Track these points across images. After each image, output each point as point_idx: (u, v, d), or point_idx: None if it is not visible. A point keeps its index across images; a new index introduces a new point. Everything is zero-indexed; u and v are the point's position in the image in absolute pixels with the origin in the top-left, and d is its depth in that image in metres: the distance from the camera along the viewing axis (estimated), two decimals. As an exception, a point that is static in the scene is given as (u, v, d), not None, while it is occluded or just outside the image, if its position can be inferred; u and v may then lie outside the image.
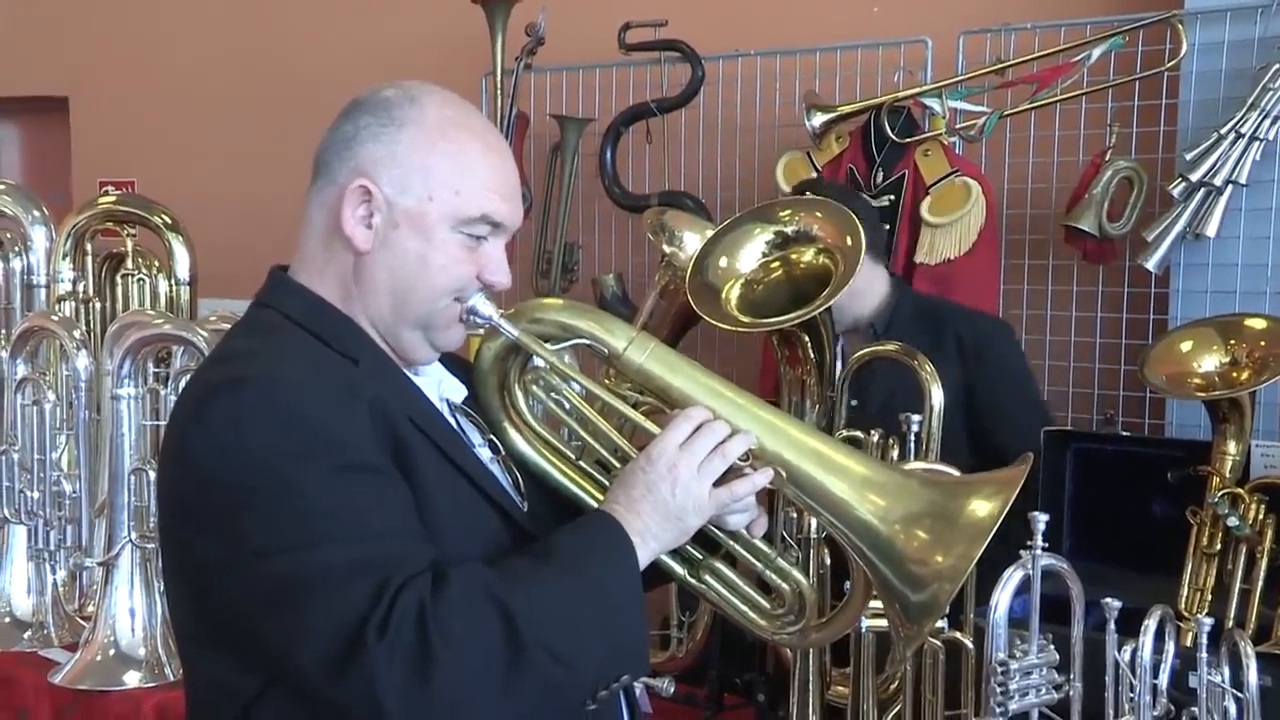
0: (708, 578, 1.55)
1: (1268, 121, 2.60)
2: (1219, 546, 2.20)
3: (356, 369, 1.38)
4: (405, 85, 1.45)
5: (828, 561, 2.01)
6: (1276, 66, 2.59)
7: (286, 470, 1.26)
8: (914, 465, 2.09)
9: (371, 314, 1.44)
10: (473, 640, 1.25)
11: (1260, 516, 2.17)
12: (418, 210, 1.40)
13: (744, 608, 1.57)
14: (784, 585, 1.57)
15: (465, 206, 1.41)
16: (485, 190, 1.43)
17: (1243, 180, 2.63)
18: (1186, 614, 2.16)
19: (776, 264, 2.21)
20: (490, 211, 1.43)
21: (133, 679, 2.51)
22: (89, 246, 3.36)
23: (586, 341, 1.49)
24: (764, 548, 1.55)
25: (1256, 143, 2.61)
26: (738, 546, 1.54)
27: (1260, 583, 2.13)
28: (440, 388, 1.52)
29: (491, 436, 1.53)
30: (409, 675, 1.22)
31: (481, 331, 1.55)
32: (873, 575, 1.48)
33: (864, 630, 1.99)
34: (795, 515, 2.02)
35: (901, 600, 1.45)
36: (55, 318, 2.99)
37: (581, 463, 1.56)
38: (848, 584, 1.62)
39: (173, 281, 3.38)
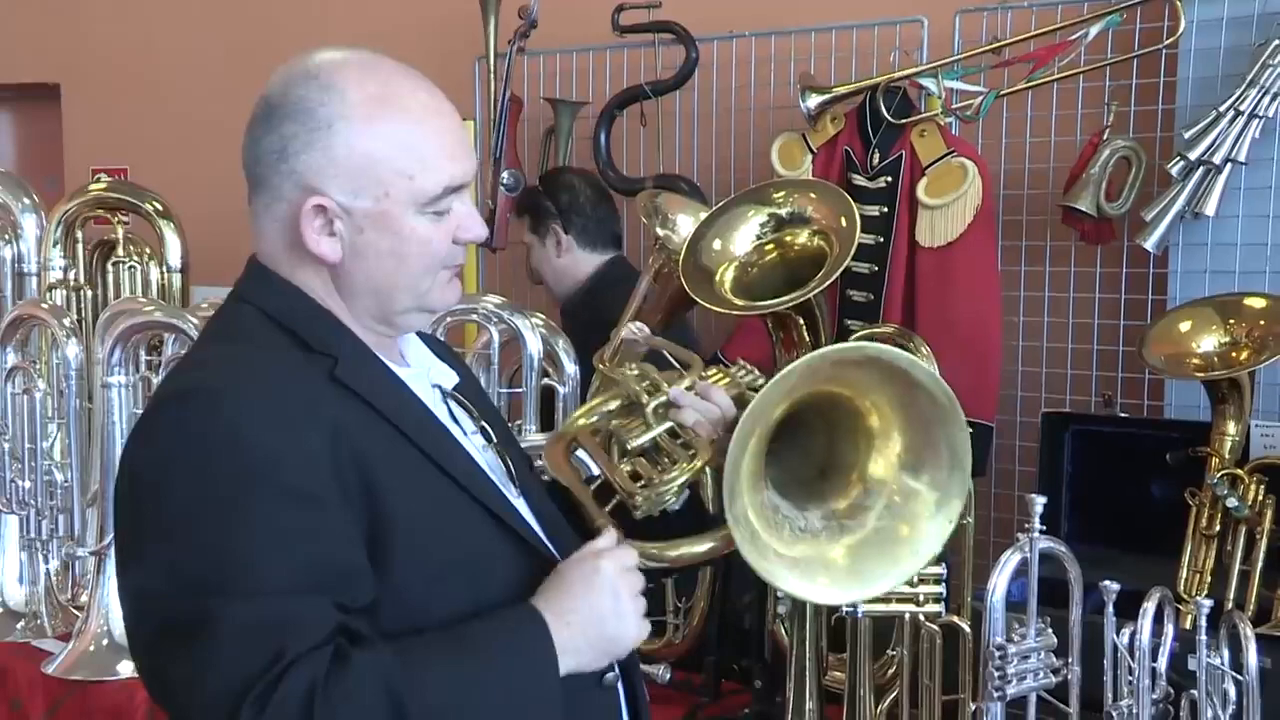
0: None
1: (1267, 98, 2.57)
2: (1218, 528, 2.19)
3: (334, 369, 1.33)
4: (313, 69, 1.34)
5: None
6: (1276, 43, 2.56)
7: (217, 495, 1.21)
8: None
9: (358, 313, 1.39)
10: None
11: (1260, 497, 2.16)
12: (378, 210, 1.34)
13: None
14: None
15: (424, 187, 1.35)
16: (437, 161, 1.36)
17: (1242, 158, 2.60)
18: (1186, 596, 2.16)
19: (771, 246, 2.20)
20: (449, 181, 1.37)
21: (126, 669, 2.49)
22: (80, 234, 3.35)
23: None
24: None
25: (1256, 120, 2.58)
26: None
27: (1260, 564, 2.13)
28: (430, 375, 1.49)
29: (484, 423, 1.50)
30: None
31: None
32: None
33: (860, 615, 1.98)
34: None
35: None
36: (46, 306, 2.97)
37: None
38: None
39: (164, 269, 3.36)
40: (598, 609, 1.34)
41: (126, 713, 2.43)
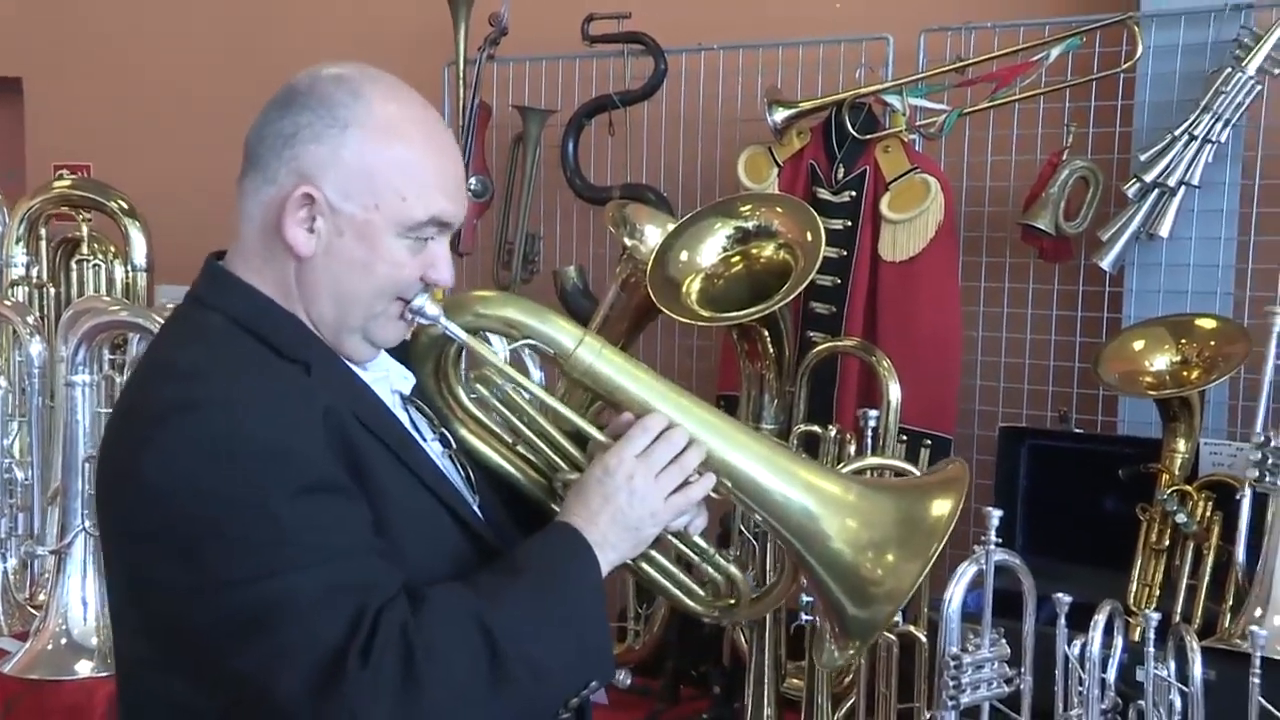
0: (644, 565, 1.56)
1: (1220, 124, 2.63)
2: (1168, 542, 2.24)
3: (307, 376, 1.35)
4: (346, 75, 1.39)
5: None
6: (1228, 70, 2.62)
7: (250, 497, 1.24)
8: (868, 461, 2.11)
9: (314, 316, 1.41)
10: (457, 662, 1.25)
11: (1207, 513, 2.21)
12: (363, 219, 1.37)
13: (677, 593, 1.60)
14: (719, 577, 1.59)
15: (412, 211, 1.38)
16: (432, 191, 1.39)
17: (1195, 182, 2.65)
18: (1135, 609, 2.20)
19: (737, 258, 2.23)
20: (437, 213, 1.40)
21: (85, 668, 2.50)
22: (43, 231, 3.33)
23: (535, 342, 1.48)
24: (703, 545, 1.57)
25: (1209, 145, 2.64)
26: (678, 543, 1.55)
27: (1206, 578, 2.18)
28: (389, 379, 1.51)
29: (443, 430, 1.52)
30: (395, 703, 1.22)
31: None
32: (813, 583, 1.51)
33: (818, 623, 2.01)
34: (750, 508, 2.03)
35: (840, 614, 1.48)
36: (8, 303, 2.96)
37: (519, 448, 1.57)
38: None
39: (129, 268, 3.35)
40: (614, 502, 1.43)
41: (85, 712, 2.42)
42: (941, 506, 1.47)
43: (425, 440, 1.49)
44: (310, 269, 1.39)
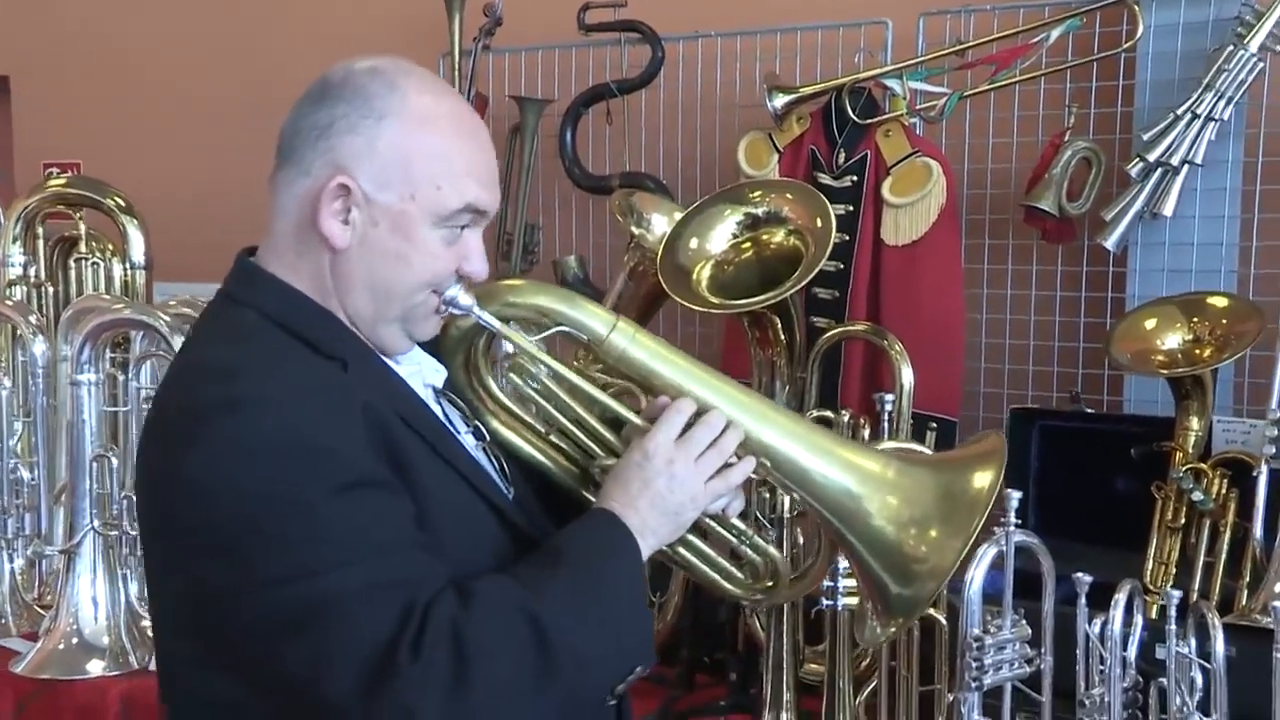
0: (681, 549, 1.56)
1: (1222, 102, 2.63)
2: (1183, 521, 2.24)
3: (345, 372, 1.35)
4: (381, 67, 1.40)
5: (800, 540, 2.03)
6: (1230, 48, 2.62)
7: (294, 495, 1.24)
8: (886, 445, 2.11)
9: (350, 310, 1.41)
10: (507, 655, 1.26)
11: (1223, 491, 2.22)
12: (399, 209, 1.37)
13: (715, 576, 1.60)
14: (757, 559, 1.60)
15: (447, 200, 1.38)
16: (466, 180, 1.39)
17: (1198, 160, 2.65)
18: (1151, 587, 2.21)
19: (747, 245, 2.24)
20: (472, 200, 1.40)
21: (96, 668, 2.49)
22: (40, 230, 3.31)
23: (568, 329, 1.47)
24: (742, 526, 1.58)
25: (1211, 123, 2.63)
26: (716, 526, 1.55)
27: (1223, 555, 2.18)
28: (422, 373, 1.51)
29: (477, 423, 1.53)
30: (446, 695, 1.22)
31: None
32: (854, 562, 1.51)
33: (839, 608, 2.01)
34: (768, 495, 2.03)
35: (883, 592, 1.48)
36: (10, 302, 2.94)
37: (552, 437, 1.57)
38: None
39: (127, 265, 3.33)
40: (653, 487, 1.42)
41: (99, 711, 2.41)
42: (983, 479, 1.47)
43: (459, 433, 1.49)
44: (345, 261, 1.39)
